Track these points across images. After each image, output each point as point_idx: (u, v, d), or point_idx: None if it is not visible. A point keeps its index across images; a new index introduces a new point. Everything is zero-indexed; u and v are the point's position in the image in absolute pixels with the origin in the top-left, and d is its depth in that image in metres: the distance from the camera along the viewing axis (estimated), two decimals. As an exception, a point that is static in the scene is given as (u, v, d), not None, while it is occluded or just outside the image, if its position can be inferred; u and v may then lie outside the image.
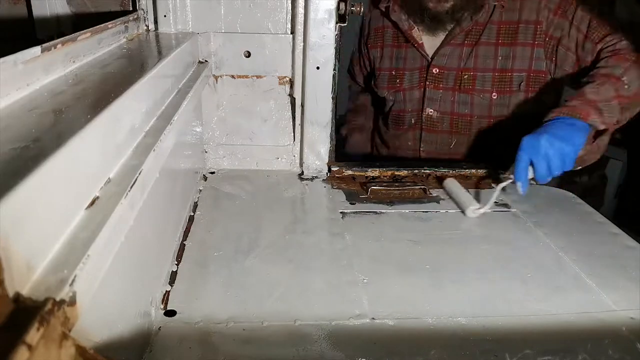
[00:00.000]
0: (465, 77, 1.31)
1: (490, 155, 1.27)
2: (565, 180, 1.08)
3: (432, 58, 1.34)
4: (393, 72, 1.40)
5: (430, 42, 1.34)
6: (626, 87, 1.07)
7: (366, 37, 1.47)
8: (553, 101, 1.30)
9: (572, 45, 1.22)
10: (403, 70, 1.39)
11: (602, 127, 1.04)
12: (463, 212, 1.04)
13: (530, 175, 1.02)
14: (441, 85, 1.34)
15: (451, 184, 1.15)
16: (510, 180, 1.05)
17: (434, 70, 1.33)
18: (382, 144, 1.53)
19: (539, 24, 1.24)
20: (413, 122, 1.40)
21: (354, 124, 1.61)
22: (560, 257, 0.90)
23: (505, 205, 1.09)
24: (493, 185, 1.13)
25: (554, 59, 1.25)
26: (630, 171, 2.54)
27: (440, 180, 1.20)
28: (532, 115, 1.13)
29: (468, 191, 1.11)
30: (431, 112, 1.36)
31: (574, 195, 1.15)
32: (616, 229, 1.01)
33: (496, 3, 1.26)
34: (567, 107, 1.05)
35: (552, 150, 0.99)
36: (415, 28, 1.33)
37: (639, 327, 0.72)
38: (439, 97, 1.35)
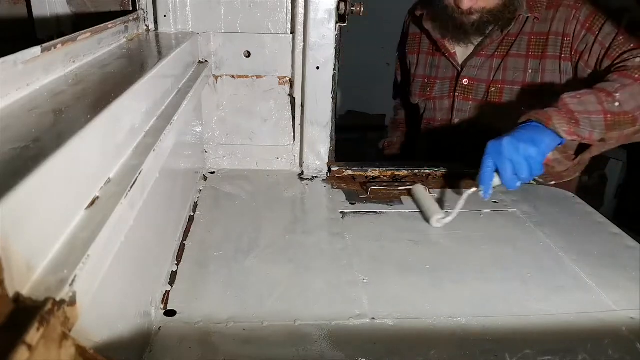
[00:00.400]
0: (493, 89, 1.27)
1: None
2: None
3: (462, 68, 1.31)
4: (426, 80, 1.39)
5: (462, 52, 1.32)
6: (616, 104, 0.98)
7: (405, 43, 1.47)
8: None
9: (592, 62, 1.14)
10: (435, 78, 1.37)
11: (567, 137, 0.96)
12: (427, 221, 1.00)
13: (498, 182, 0.98)
14: (471, 97, 1.31)
15: (417, 190, 1.10)
16: (476, 189, 1.00)
17: (463, 81, 1.31)
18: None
19: (566, 37, 1.17)
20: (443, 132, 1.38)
21: (389, 140, 1.65)
22: (560, 257, 0.90)
23: (506, 205, 1.09)
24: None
25: (574, 74, 1.18)
26: (630, 171, 2.53)
27: (441, 180, 1.20)
28: None
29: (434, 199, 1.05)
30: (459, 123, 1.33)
31: (574, 195, 1.15)
32: (616, 229, 1.01)
33: (529, 15, 1.20)
34: (535, 112, 0.99)
35: (515, 153, 0.94)
36: (448, 37, 1.31)
37: (639, 327, 0.72)
38: (468, 108, 1.32)
